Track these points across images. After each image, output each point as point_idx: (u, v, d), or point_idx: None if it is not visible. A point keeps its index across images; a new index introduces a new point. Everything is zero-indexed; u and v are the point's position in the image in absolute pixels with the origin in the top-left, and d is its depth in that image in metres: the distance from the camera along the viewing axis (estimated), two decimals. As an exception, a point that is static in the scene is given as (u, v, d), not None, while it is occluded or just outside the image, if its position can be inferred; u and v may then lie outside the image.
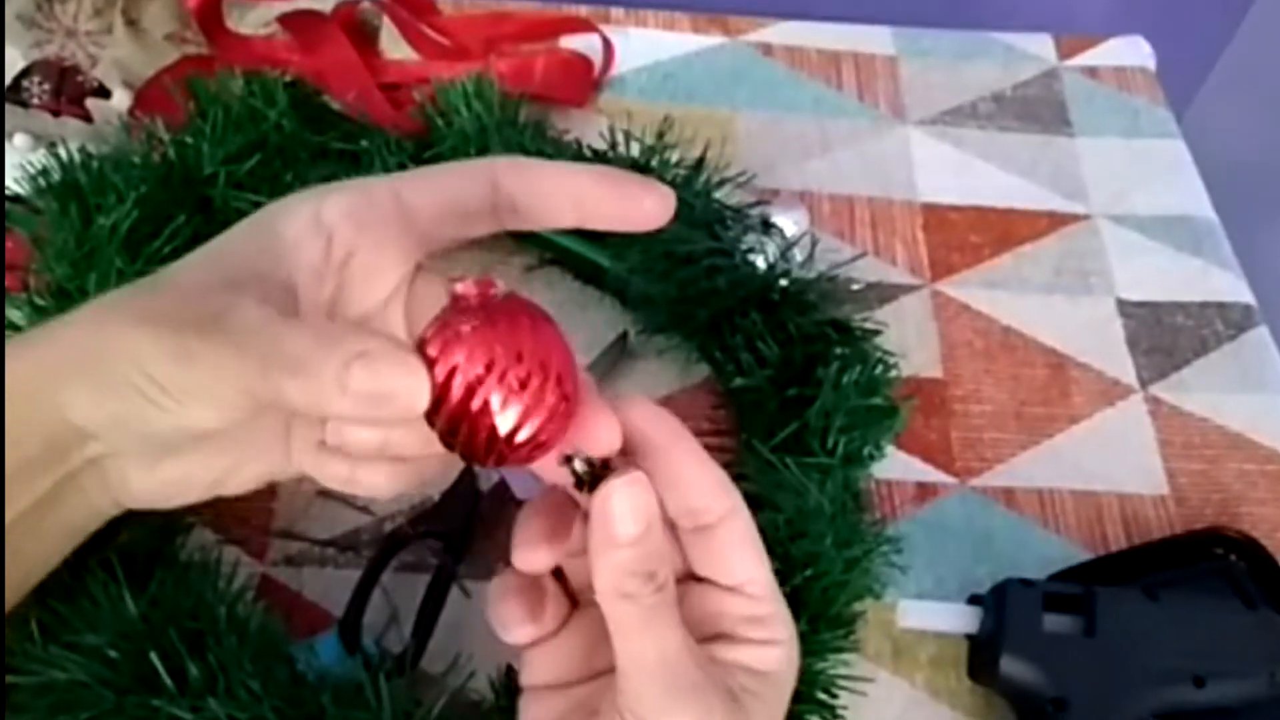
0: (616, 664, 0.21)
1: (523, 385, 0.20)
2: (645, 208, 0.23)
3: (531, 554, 0.22)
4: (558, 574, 0.23)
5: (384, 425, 0.23)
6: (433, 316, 0.21)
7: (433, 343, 0.20)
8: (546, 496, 0.23)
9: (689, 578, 0.23)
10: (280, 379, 0.20)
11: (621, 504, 0.20)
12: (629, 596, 0.20)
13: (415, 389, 0.20)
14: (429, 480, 0.25)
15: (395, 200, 0.23)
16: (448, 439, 0.21)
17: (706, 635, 0.22)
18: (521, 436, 0.20)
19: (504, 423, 0.20)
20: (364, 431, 0.23)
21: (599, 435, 0.21)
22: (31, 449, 0.22)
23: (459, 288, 0.20)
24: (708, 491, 0.22)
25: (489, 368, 0.20)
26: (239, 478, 0.25)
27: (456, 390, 0.20)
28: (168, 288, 0.23)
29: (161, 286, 0.23)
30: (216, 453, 0.24)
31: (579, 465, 0.20)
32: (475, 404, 0.20)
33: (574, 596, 0.23)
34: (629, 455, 0.21)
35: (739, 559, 0.22)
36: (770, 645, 0.22)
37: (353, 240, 0.23)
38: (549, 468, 0.21)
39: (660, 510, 0.21)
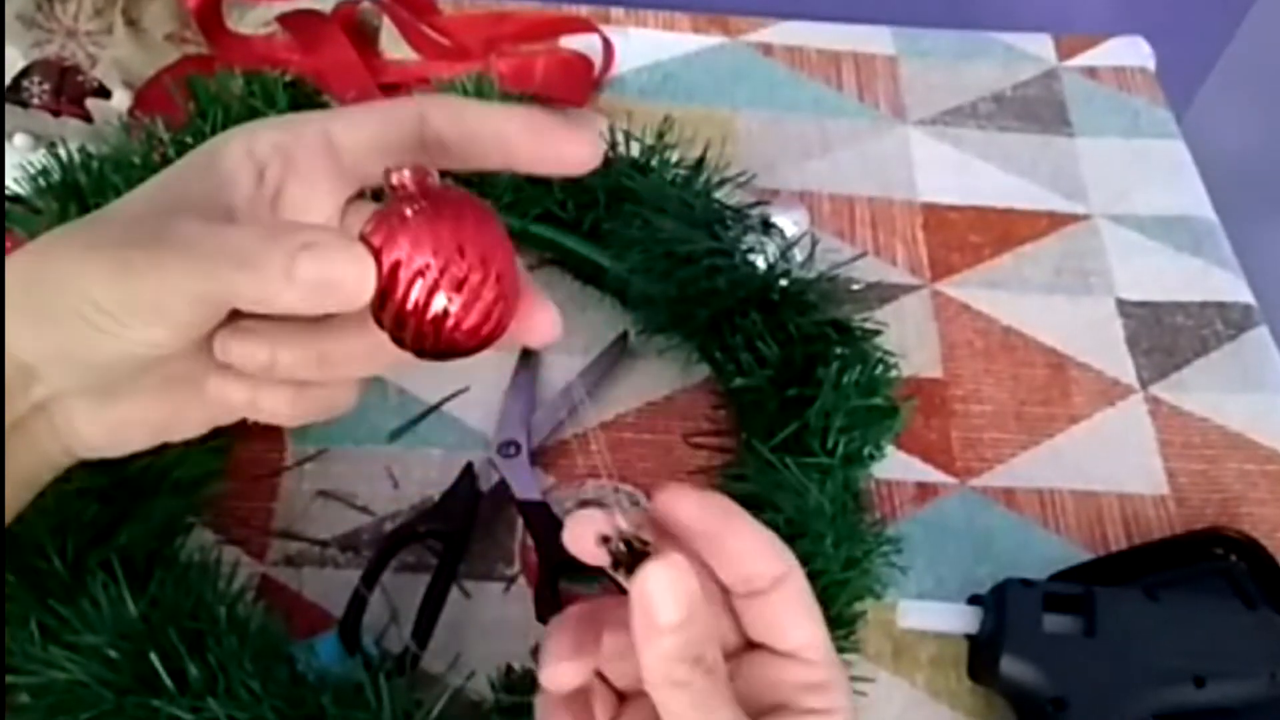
0: None
1: (465, 276, 0.20)
2: (566, 154, 0.23)
3: (559, 673, 0.21)
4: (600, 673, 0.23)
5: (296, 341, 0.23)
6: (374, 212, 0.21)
7: (376, 234, 0.20)
8: (569, 614, 0.22)
9: (744, 646, 0.22)
10: (228, 273, 0.20)
11: (661, 590, 0.19)
12: (680, 684, 0.20)
13: (361, 275, 0.20)
14: (338, 409, 0.24)
15: (324, 137, 0.23)
16: (394, 331, 0.21)
17: (765, 707, 0.21)
18: (466, 325, 0.21)
19: (448, 311, 0.20)
20: (251, 346, 0.23)
21: (538, 326, 0.22)
22: None
23: (395, 177, 0.21)
24: (760, 558, 0.21)
25: (434, 255, 0.20)
26: (184, 423, 0.25)
27: (402, 280, 0.20)
28: (111, 217, 0.23)
29: (105, 217, 0.23)
30: (160, 393, 0.24)
31: (616, 546, 0.20)
32: (419, 294, 0.20)
33: (620, 693, 0.23)
34: (672, 538, 0.21)
35: (794, 622, 0.22)
36: (829, 715, 0.21)
37: (281, 174, 0.23)
38: (586, 549, 0.21)
39: (710, 580, 0.21)
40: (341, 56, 0.46)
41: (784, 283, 0.39)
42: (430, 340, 0.21)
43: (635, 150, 0.43)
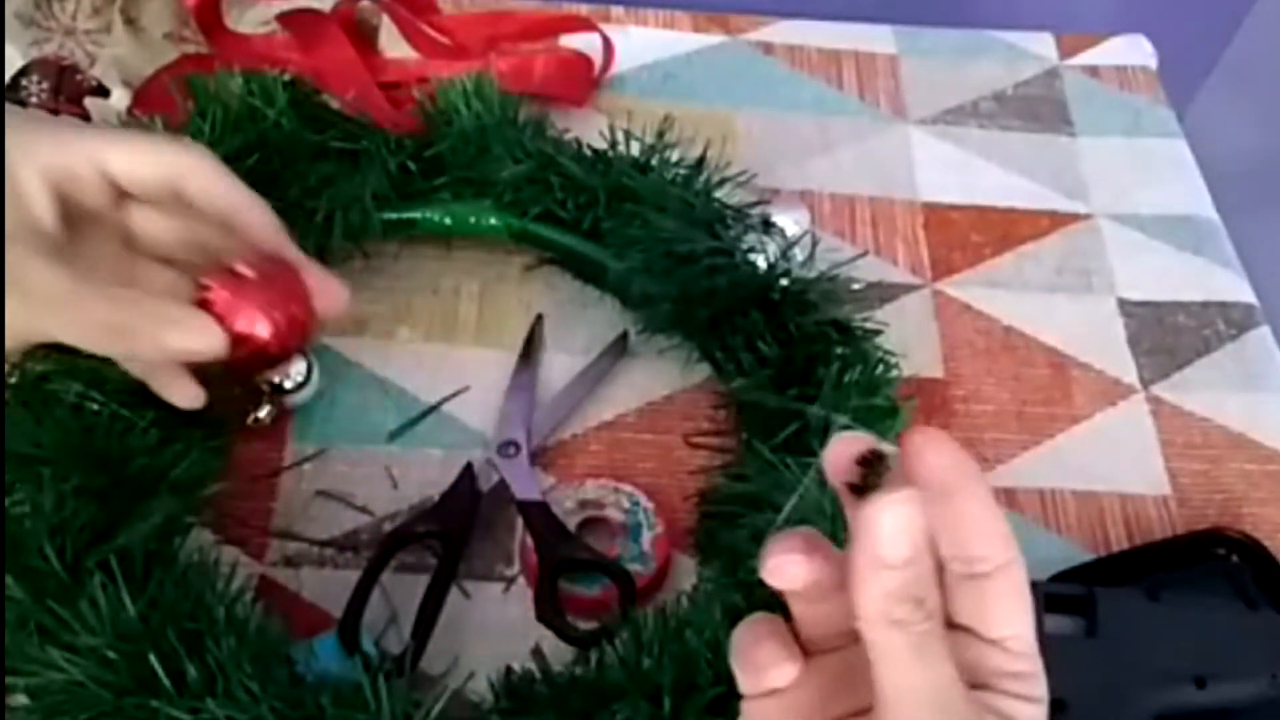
0: (878, 696, 0.20)
1: (277, 317, 0.29)
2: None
3: (788, 563, 0.21)
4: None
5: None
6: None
7: (216, 300, 0.29)
8: (795, 531, 0.22)
9: (946, 624, 0.21)
10: (102, 340, 0.27)
11: (892, 522, 0.19)
12: (898, 623, 0.19)
13: (213, 345, 0.28)
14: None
15: (95, 165, 0.28)
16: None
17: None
18: (274, 350, 0.30)
19: (263, 343, 0.29)
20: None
21: (330, 299, 0.30)
22: None
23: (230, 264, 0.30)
24: (990, 539, 0.20)
25: (257, 310, 0.29)
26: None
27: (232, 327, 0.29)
28: None
29: None
30: None
31: (870, 474, 0.20)
32: (243, 330, 0.29)
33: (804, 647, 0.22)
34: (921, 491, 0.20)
35: (1007, 613, 0.21)
36: (1028, 701, 0.21)
37: (64, 195, 0.27)
38: (840, 464, 0.20)
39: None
40: (341, 55, 0.46)
41: (784, 282, 0.39)
42: (242, 362, 0.30)
43: (635, 149, 0.43)
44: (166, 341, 0.27)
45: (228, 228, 0.31)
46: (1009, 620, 0.21)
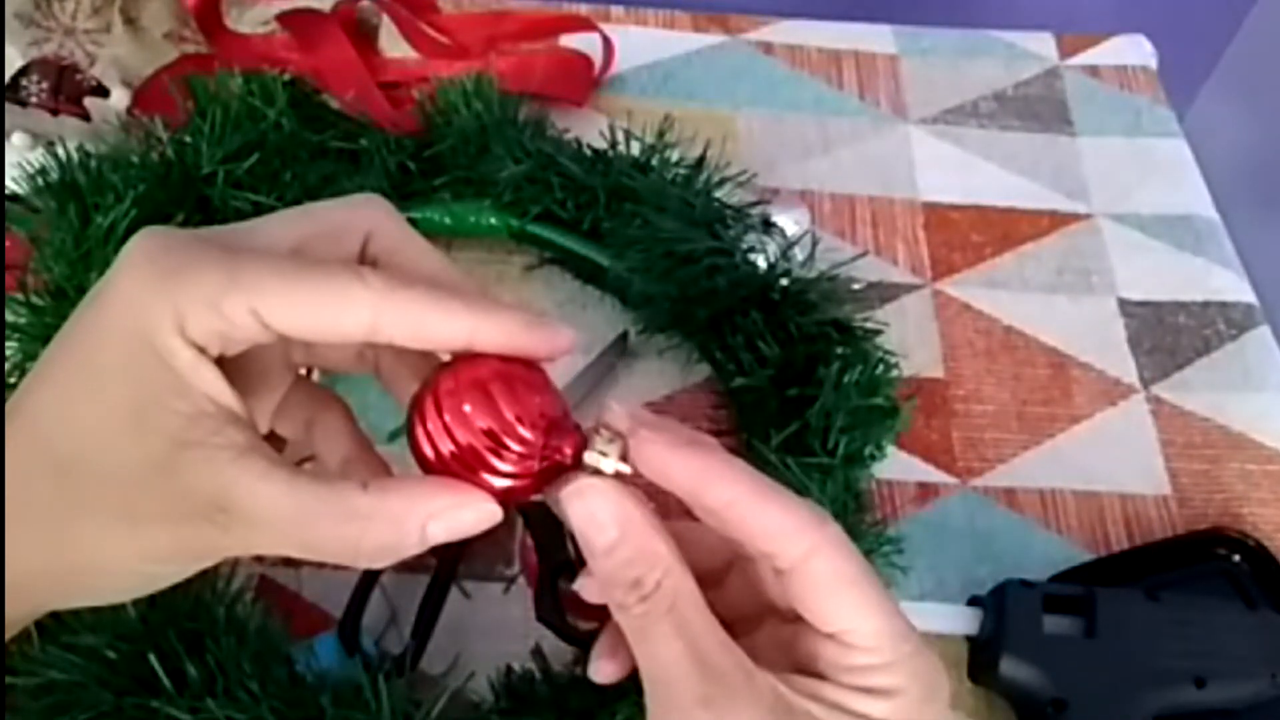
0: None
1: (521, 442, 0.20)
2: (540, 352, 0.22)
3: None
4: None
5: None
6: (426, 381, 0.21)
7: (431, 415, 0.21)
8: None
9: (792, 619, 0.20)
10: (361, 542, 0.20)
11: (580, 510, 0.19)
12: (618, 606, 0.19)
13: (489, 519, 0.20)
14: None
15: (256, 320, 0.19)
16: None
17: (808, 672, 0.20)
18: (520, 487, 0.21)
19: (501, 477, 0.20)
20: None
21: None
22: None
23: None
24: (768, 535, 0.19)
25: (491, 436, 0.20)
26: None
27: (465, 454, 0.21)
28: (100, 473, 0.19)
29: (92, 473, 0.19)
30: None
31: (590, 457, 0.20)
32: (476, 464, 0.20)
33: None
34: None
35: (828, 607, 0.19)
36: (874, 695, 0.19)
37: (221, 350, 0.20)
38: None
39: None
40: (341, 55, 0.46)
41: (785, 282, 0.39)
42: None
43: (635, 149, 0.43)
44: (430, 535, 0.20)
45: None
46: (834, 614, 0.19)
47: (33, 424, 0.20)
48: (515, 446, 0.20)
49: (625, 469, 0.20)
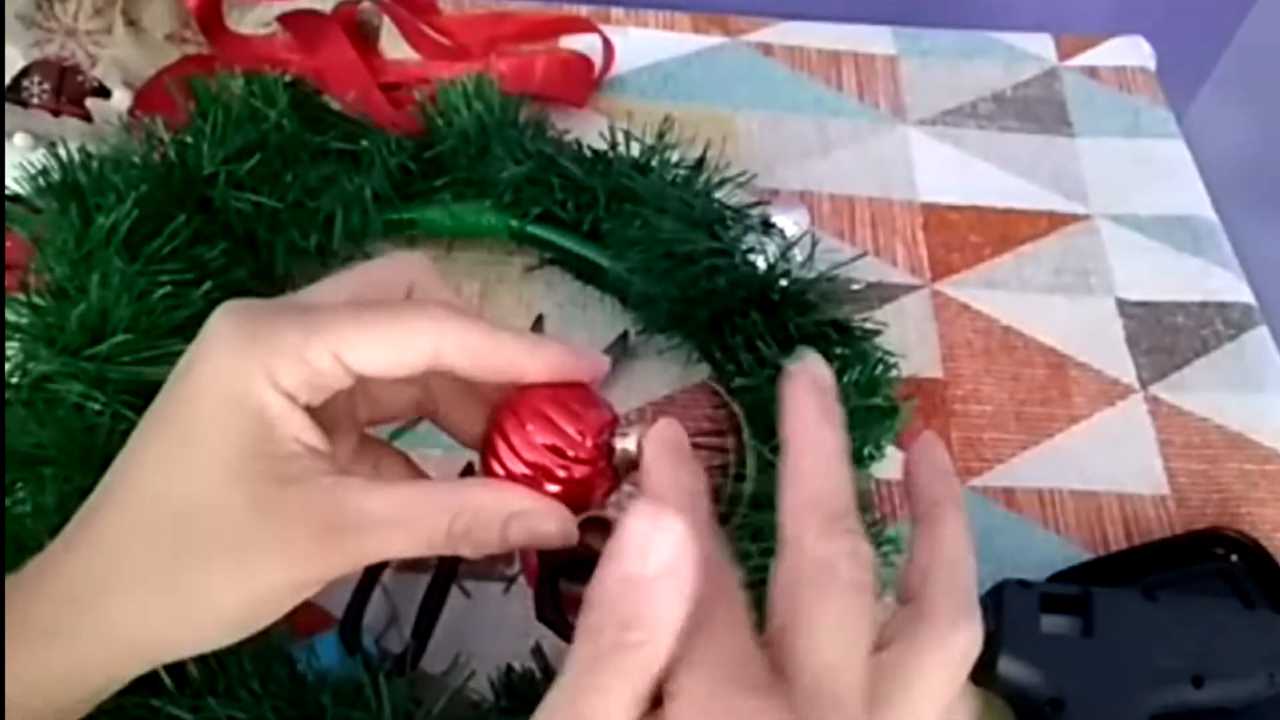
0: None
1: (582, 450, 0.23)
2: (583, 375, 0.24)
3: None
4: None
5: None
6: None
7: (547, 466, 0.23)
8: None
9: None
10: (452, 546, 0.22)
11: (640, 532, 0.18)
12: (592, 627, 0.18)
13: (564, 528, 0.23)
14: None
15: (339, 365, 0.22)
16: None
17: None
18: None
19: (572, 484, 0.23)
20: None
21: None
22: (100, 686, 0.23)
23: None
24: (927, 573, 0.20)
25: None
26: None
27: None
28: (204, 520, 0.21)
29: (197, 521, 0.21)
30: None
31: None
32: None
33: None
34: None
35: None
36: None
37: (309, 400, 0.22)
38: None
39: None
40: (342, 56, 0.46)
41: (784, 283, 0.39)
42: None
43: (635, 150, 0.43)
44: (513, 537, 0.22)
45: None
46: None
47: (137, 486, 0.22)
48: (576, 454, 0.22)
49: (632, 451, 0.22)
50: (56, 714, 0.23)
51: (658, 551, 0.18)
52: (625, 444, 0.23)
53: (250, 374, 0.21)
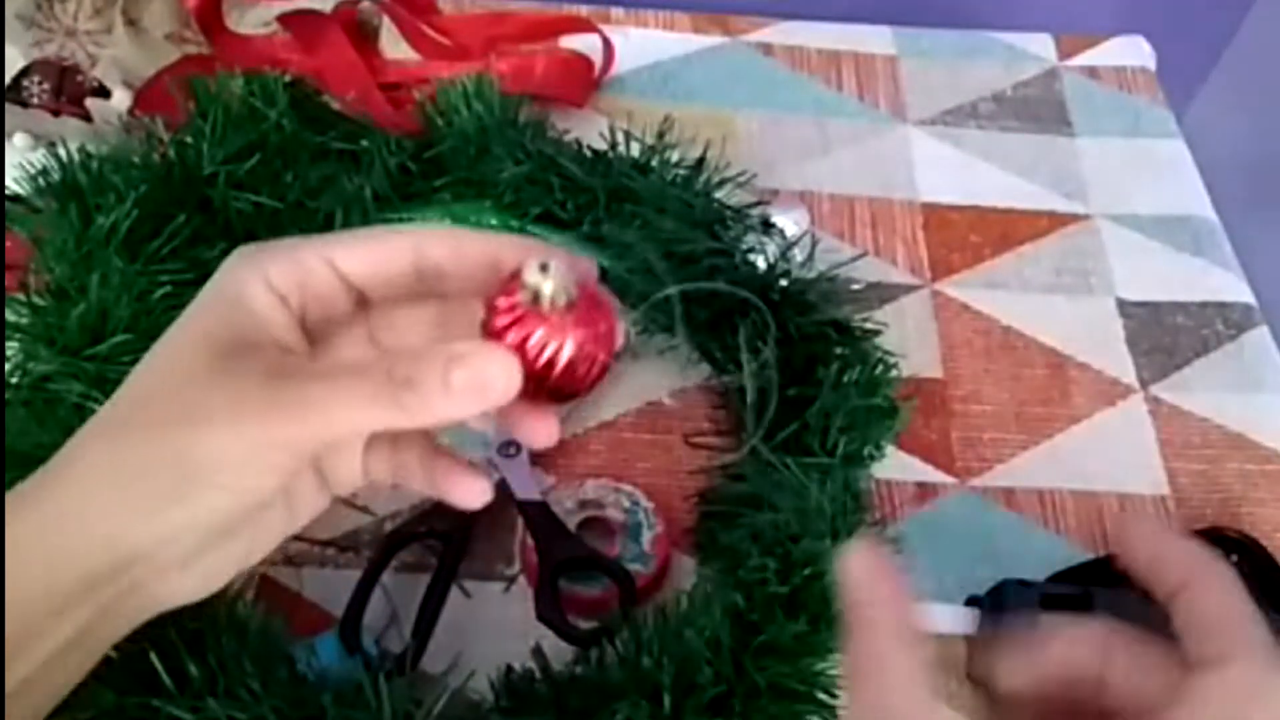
0: None
1: (585, 354, 0.23)
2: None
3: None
4: None
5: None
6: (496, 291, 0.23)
7: (511, 331, 0.22)
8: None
9: None
10: (402, 397, 0.22)
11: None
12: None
13: (509, 376, 0.22)
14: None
15: (328, 265, 0.24)
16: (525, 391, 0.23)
17: None
18: (579, 382, 0.23)
19: (569, 376, 0.23)
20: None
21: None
22: (67, 591, 0.22)
23: (537, 282, 0.22)
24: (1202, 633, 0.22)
25: (562, 343, 0.22)
26: (260, 548, 0.25)
27: (530, 359, 0.22)
28: (169, 383, 0.23)
29: (161, 385, 0.23)
30: (243, 532, 0.24)
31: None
32: (542, 365, 0.22)
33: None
34: None
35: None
36: None
37: (301, 302, 0.24)
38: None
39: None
40: (342, 56, 0.46)
41: (784, 283, 0.39)
42: (543, 390, 0.23)
43: (635, 150, 0.43)
44: (455, 380, 0.21)
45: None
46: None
47: (126, 381, 0.23)
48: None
49: (560, 299, 0.22)
50: (26, 615, 0.22)
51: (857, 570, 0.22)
52: (537, 279, 0.22)
53: (247, 273, 0.23)
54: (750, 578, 0.32)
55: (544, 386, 0.23)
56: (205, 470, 0.22)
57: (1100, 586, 0.34)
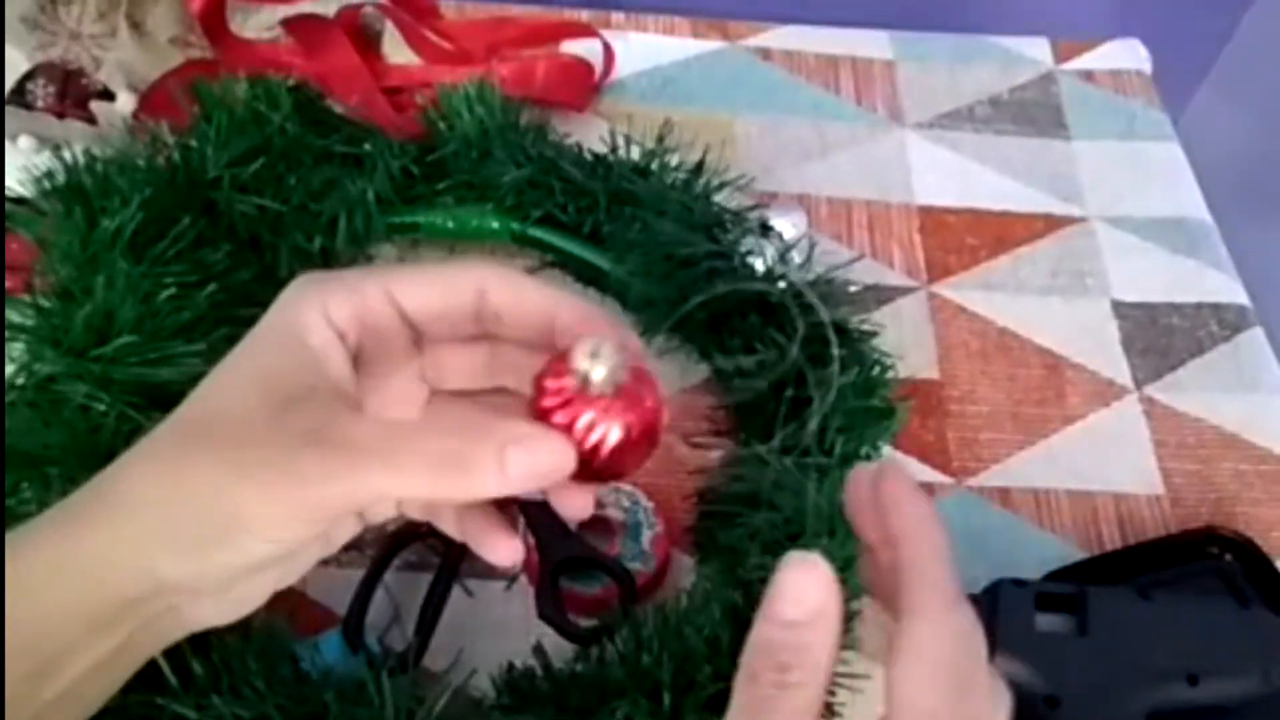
0: None
1: (633, 439, 0.22)
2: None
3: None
4: None
5: None
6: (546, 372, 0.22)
7: (562, 412, 0.22)
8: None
9: None
10: (447, 476, 0.21)
11: (795, 580, 0.19)
12: (749, 675, 0.19)
13: (565, 463, 0.22)
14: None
15: (390, 300, 0.24)
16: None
17: None
18: (623, 470, 0.23)
19: (615, 463, 0.22)
20: None
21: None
22: (106, 612, 0.22)
23: (588, 367, 0.22)
24: (908, 583, 0.20)
25: (612, 427, 0.22)
26: (294, 573, 0.25)
27: (578, 436, 0.22)
28: (217, 419, 0.23)
29: (217, 422, 0.23)
30: (284, 562, 0.24)
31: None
32: (590, 448, 0.22)
33: None
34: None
35: (896, 675, 0.19)
36: None
37: (359, 339, 0.24)
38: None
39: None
40: (345, 60, 0.47)
41: (782, 285, 0.39)
42: (588, 470, 0.23)
43: (635, 154, 0.43)
44: (510, 463, 0.21)
45: (540, 344, 0.24)
46: (898, 680, 0.19)
47: (182, 405, 0.23)
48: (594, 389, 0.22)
49: (609, 387, 0.22)
50: (67, 632, 0.22)
51: (811, 595, 0.19)
52: (593, 372, 0.21)
53: (308, 305, 0.23)
54: (749, 577, 0.32)
55: (590, 467, 0.22)
56: (248, 523, 0.22)
57: (1095, 585, 0.34)
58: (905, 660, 0.20)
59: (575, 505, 0.24)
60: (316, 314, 0.23)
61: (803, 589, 0.19)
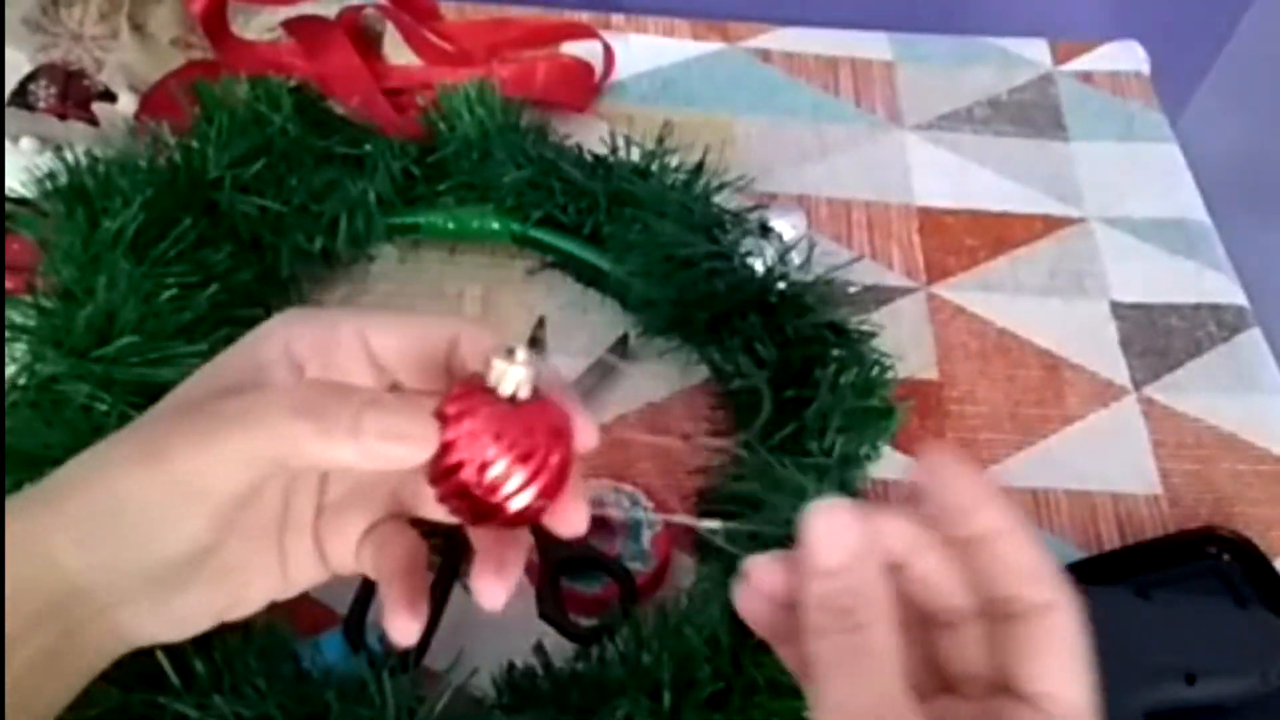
0: (815, 710, 0.19)
1: (525, 459, 0.21)
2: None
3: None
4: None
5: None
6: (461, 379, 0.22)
7: (450, 405, 0.21)
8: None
9: (999, 690, 0.20)
10: (290, 424, 0.21)
11: (822, 527, 0.19)
12: (817, 630, 0.18)
13: (424, 437, 0.21)
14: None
15: (360, 338, 0.23)
16: (443, 497, 0.22)
17: None
18: (515, 506, 0.21)
19: (506, 492, 0.21)
20: None
21: (571, 520, 0.23)
22: (32, 605, 0.22)
23: (497, 374, 0.21)
24: (1029, 574, 0.19)
25: (498, 445, 0.21)
26: (244, 603, 0.25)
27: (463, 459, 0.21)
28: (158, 412, 0.23)
29: (151, 415, 0.23)
30: (218, 579, 0.24)
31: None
32: (473, 475, 0.21)
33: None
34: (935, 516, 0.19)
35: (1047, 665, 0.19)
36: None
37: (320, 374, 0.23)
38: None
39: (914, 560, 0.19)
40: (346, 61, 0.47)
41: (782, 285, 0.39)
42: (475, 514, 0.22)
43: (635, 155, 0.43)
44: (365, 420, 0.20)
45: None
46: (1051, 675, 0.19)
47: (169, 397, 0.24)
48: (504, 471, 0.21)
49: (524, 391, 0.21)
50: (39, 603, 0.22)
51: (842, 538, 0.19)
52: (505, 378, 0.21)
53: (270, 333, 0.23)
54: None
55: (460, 501, 0.21)
56: (129, 511, 0.21)
57: (1094, 585, 0.34)
58: (1055, 651, 0.19)
59: (570, 522, 0.23)
60: (276, 341, 0.23)
61: (833, 535, 0.19)
